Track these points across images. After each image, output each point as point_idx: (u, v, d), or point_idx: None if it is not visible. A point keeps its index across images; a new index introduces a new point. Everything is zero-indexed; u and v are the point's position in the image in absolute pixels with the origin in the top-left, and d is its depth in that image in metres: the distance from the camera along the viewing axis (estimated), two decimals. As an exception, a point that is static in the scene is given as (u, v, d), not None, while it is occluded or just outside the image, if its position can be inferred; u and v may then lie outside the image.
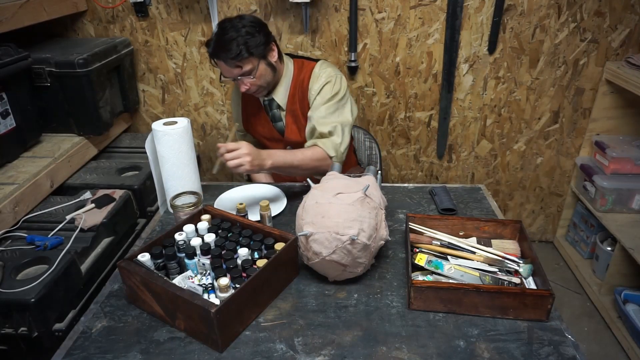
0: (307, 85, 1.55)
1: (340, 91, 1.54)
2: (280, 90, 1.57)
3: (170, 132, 1.32)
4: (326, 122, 1.50)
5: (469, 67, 2.10)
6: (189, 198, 1.31)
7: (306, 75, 1.56)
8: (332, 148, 1.48)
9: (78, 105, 1.79)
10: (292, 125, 1.60)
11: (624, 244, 1.89)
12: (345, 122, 1.53)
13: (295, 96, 1.57)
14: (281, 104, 1.59)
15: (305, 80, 1.56)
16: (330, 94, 1.52)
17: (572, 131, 2.23)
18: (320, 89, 1.52)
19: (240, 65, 1.42)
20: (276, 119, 1.62)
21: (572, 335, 0.98)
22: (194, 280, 1.03)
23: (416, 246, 1.19)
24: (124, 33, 2.13)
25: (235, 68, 1.43)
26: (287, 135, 1.62)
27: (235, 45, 1.39)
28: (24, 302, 1.16)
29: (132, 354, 0.96)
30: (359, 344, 0.96)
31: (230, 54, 1.39)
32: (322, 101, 1.52)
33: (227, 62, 1.42)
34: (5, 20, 1.58)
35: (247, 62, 1.42)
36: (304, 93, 1.56)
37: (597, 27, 1.98)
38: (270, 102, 1.59)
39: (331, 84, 1.53)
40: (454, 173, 2.39)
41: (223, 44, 1.40)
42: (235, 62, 1.41)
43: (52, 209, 1.54)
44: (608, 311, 2.02)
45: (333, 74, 1.55)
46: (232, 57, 1.40)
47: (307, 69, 1.57)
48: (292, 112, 1.59)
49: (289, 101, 1.58)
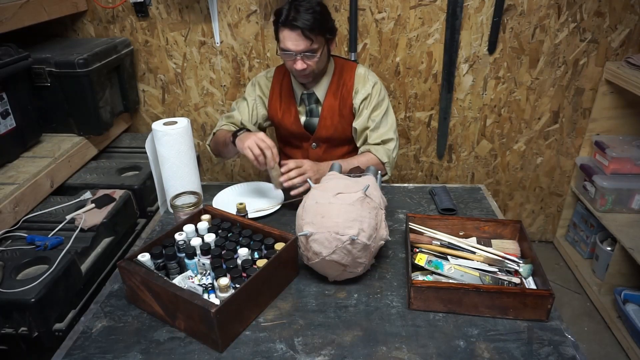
0: (352, 85, 1.57)
1: (385, 94, 1.61)
2: (322, 85, 1.57)
3: (170, 132, 1.32)
4: (379, 130, 1.57)
5: (469, 67, 2.10)
6: (189, 198, 1.31)
7: (349, 75, 1.57)
8: (385, 155, 1.56)
9: (78, 105, 1.79)
10: (327, 120, 1.59)
11: (624, 244, 1.89)
12: (393, 125, 1.60)
13: (337, 93, 1.57)
14: (320, 99, 1.58)
15: (348, 80, 1.57)
16: (378, 98, 1.56)
17: (572, 131, 2.23)
18: (370, 92, 1.55)
19: (312, 39, 1.38)
20: (313, 113, 1.61)
21: (572, 335, 0.98)
22: (194, 280, 1.03)
23: (416, 246, 1.19)
24: (124, 33, 2.13)
25: (306, 40, 1.38)
26: (318, 131, 1.60)
27: (313, 17, 1.36)
28: (24, 302, 1.16)
29: (132, 354, 0.96)
30: (359, 344, 0.96)
31: (307, 23, 1.35)
32: (372, 106, 1.56)
33: (302, 32, 1.36)
34: (6, 20, 1.58)
35: (317, 40, 1.40)
36: (348, 92, 1.57)
37: (597, 27, 1.98)
38: (309, 95, 1.58)
39: (378, 87, 1.57)
40: (454, 173, 2.39)
41: (302, 13, 1.35)
42: (310, 34, 1.37)
43: (52, 209, 1.54)
44: (608, 311, 2.02)
45: (376, 77, 1.60)
46: (309, 28, 1.36)
47: (349, 69, 1.59)
48: (330, 109, 1.58)
49: (327, 97, 1.58)
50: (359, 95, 1.55)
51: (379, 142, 1.56)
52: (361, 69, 1.59)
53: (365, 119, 1.56)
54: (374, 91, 1.56)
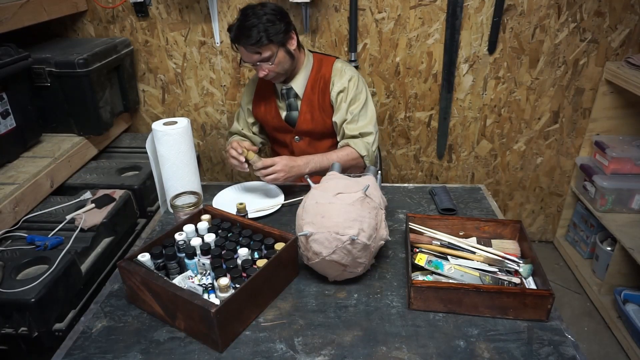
0: (329, 78, 1.60)
1: (364, 88, 1.63)
2: (299, 80, 1.61)
3: (170, 132, 1.32)
4: (357, 123, 1.59)
5: (469, 67, 2.10)
6: (189, 198, 1.31)
7: (327, 69, 1.62)
8: (364, 148, 1.58)
9: (78, 105, 1.79)
10: (306, 114, 1.63)
11: (624, 244, 1.89)
12: (372, 119, 1.62)
13: (315, 87, 1.61)
14: (299, 93, 1.62)
15: (326, 73, 1.61)
16: (355, 91, 1.59)
17: (572, 131, 2.23)
18: (346, 86, 1.58)
19: (259, 51, 1.46)
20: (292, 107, 1.65)
21: (572, 335, 0.98)
22: (194, 280, 1.03)
23: (416, 246, 1.19)
24: (124, 33, 2.13)
25: (254, 54, 1.47)
26: (299, 125, 1.65)
27: (255, 32, 1.43)
28: (24, 302, 1.16)
29: (132, 354, 0.96)
30: (359, 344, 0.96)
31: (250, 40, 1.43)
32: (350, 99, 1.58)
33: (247, 48, 1.46)
34: (6, 20, 1.58)
35: (267, 49, 1.46)
36: (325, 85, 1.60)
37: (597, 27, 1.98)
38: (288, 90, 1.63)
39: (355, 80, 1.60)
40: (454, 173, 2.39)
41: (244, 30, 1.44)
42: (255, 48, 1.45)
43: (52, 209, 1.54)
44: (608, 311, 2.02)
45: (355, 72, 1.63)
46: (252, 44, 1.44)
47: (327, 63, 1.63)
48: (309, 102, 1.62)
49: (306, 91, 1.62)
50: (335, 87, 1.59)
51: (357, 134, 1.58)
52: (339, 63, 1.64)
53: (343, 112, 1.59)
54: (351, 84, 1.59)
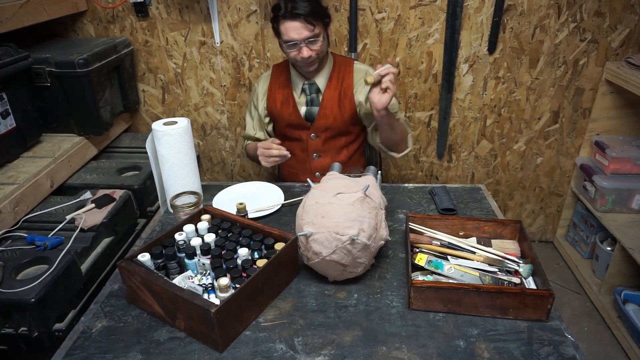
0: (351, 79, 1.62)
1: None
2: (322, 75, 1.62)
3: (170, 132, 1.32)
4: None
5: (469, 67, 2.10)
6: (189, 198, 1.31)
7: (348, 69, 1.63)
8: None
9: (78, 105, 1.79)
10: (326, 109, 1.63)
11: (624, 244, 1.89)
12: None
13: (336, 85, 1.62)
14: (321, 88, 1.63)
15: (347, 74, 1.62)
16: None
17: (572, 131, 2.23)
18: None
19: (313, 25, 1.44)
20: (314, 102, 1.65)
21: (572, 335, 0.98)
22: (194, 280, 1.03)
23: (416, 246, 1.19)
24: (124, 33, 2.13)
25: (306, 30, 1.43)
26: (318, 120, 1.64)
27: (311, 4, 1.42)
28: (24, 302, 1.16)
29: (132, 354, 0.96)
30: (359, 344, 0.96)
31: (308, 9, 1.41)
32: None
33: (305, 20, 1.42)
34: (6, 20, 1.58)
35: (318, 25, 1.45)
36: (347, 85, 1.62)
37: (597, 27, 1.98)
38: (310, 85, 1.63)
39: None
40: (454, 173, 2.39)
41: (300, 1, 1.41)
42: (312, 19, 1.42)
43: (52, 209, 1.54)
44: (608, 311, 2.02)
45: None
46: (310, 14, 1.41)
47: (347, 63, 1.65)
48: (330, 98, 1.62)
49: (327, 87, 1.62)
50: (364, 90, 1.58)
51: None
52: (359, 64, 1.66)
53: None
54: None
